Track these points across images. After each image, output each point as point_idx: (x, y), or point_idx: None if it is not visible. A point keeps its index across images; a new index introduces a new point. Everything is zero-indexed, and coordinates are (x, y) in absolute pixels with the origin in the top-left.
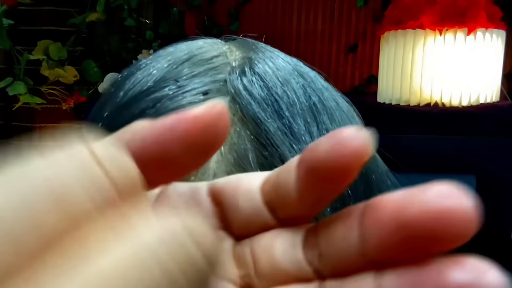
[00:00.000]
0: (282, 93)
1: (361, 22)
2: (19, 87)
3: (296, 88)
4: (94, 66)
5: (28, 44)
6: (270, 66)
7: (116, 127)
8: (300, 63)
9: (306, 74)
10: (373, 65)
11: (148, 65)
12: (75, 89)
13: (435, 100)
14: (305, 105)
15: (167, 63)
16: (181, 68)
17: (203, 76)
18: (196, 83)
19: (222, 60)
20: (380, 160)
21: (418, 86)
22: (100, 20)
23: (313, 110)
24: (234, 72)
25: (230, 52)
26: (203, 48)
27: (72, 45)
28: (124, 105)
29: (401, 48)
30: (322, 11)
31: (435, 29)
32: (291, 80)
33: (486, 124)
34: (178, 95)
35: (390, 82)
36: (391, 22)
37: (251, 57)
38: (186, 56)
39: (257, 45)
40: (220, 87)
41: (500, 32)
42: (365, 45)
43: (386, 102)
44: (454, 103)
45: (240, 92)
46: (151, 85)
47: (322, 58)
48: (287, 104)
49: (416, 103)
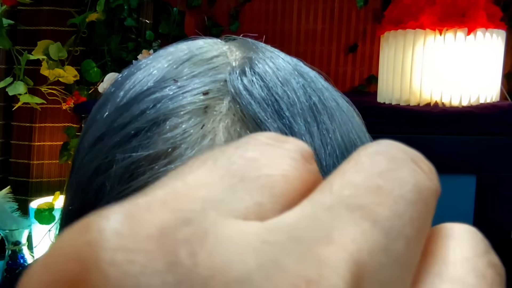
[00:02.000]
0: (282, 93)
1: (361, 22)
2: (19, 87)
3: (296, 88)
4: (94, 66)
5: (28, 44)
6: (270, 66)
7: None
8: (300, 63)
9: (306, 74)
10: (373, 65)
11: (148, 65)
12: (75, 89)
13: (435, 100)
14: (305, 105)
15: (167, 63)
16: (182, 68)
17: (203, 76)
18: (196, 83)
19: (222, 60)
20: None
21: (418, 86)
22: (100, 20)
23: (313, 110)
24: (234, 72)
25: (230, 52)
26: (203, 48)
27: (72, 45)
28: (124, 106)
29: (401, 48)
30: (322, 11)
31: (435, 29)
32: (291, 80)
33: (486, 124)
34: (178, 95)
35: (390, 82)
36: (391, 22)
37: (251, 57)
38: (187, 56)
39: (257, 45)
40: (220, 87)
41: (500, 32)
42: (365, 45)
43: (386, 102)
44: (454, 103)
45: (240, 92)
46: (151, 85)
47: (322, 58)
48: (287, 104)
49: (416, 103)
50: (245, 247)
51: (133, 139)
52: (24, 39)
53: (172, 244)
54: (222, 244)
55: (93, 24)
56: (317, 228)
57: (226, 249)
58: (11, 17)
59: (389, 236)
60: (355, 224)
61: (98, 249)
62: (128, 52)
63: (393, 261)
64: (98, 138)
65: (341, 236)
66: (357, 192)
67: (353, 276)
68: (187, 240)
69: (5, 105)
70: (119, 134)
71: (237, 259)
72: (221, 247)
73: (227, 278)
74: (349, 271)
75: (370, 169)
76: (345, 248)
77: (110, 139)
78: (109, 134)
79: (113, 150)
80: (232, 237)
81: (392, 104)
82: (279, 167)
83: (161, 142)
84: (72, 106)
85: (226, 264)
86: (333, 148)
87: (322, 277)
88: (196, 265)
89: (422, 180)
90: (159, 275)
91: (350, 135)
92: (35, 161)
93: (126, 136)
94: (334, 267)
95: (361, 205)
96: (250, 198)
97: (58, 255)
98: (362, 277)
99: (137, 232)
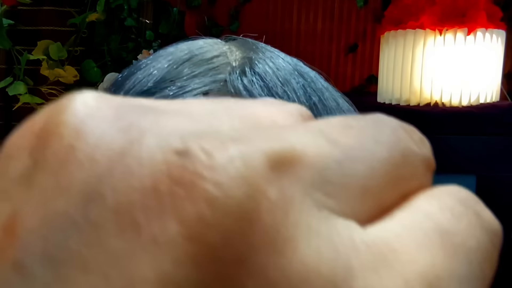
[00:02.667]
0: (282, 93)
1: (361, 22)
2: (19, 87)
3: (296, 88)
4: (94, 66)
5: (28, 44)
6: (271, 66)
7: None
8: (300, 63)
9: (306, 74)
10: (373, 65)
11: (148, 65)
12: (75, 89)
13: (435, 100)
14: (305, 105)
15: (168, 63)
16: (182, 68)
17: (203, 76)
18: (196, 83)
19: (222, 60)
20: None
21: (418, 86)
22: (100, 20)
23: (313, 110)
24: (235, 72)
25: (231, 52)
26: (203, 48)
27: (72, 45)
28: None
29: (401, 48)
30: (322, 11)
31: (435, 29)
32: (291, 80)
33: (486, 124)
34: (179, 96)
35: (390, 82)
36: (391, 22)
37: (252, 57)
38: (187, 56)
39: (257, 45)
40: (221, 87)
41: (500, 32)
42: (365, 45)
43: (386, 102)
44: (454, 103)
45: (240, 92)
46: (151, 86)
47: (322, 58)
48: None
49: (416, 103)
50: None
51: None
52: (24, 39)
53: (127, 110)
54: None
55: (93, 24)
56: (278, 132)
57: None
58: (11, 17)
59: (347, 156)
60: (313, 138)
61: (64, 105)
62: (128, 52)
63: (345, 174)
64: None
65: (294, 137)
66: (327, 123)
67: (281, 155)
68: (142, 110)
69: (5, 105)
70: None
71: (187, 108)
72: (164, 117)
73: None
74: (280, 151)
75: (351, 120)
76: (290, 141)
77: None
78: None
79: None
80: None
81: (392, 104)
82: (272, 113)
83: None
84: None
85: (161, 122)
86: None
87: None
88: (138, 120)
89: (404, 139)
90: (105, 121)
91: None
92: None
93: None
94: (267, 140)
95: (326, 132)
96: (231, 124)
97: (34, 117)
98: (295, 163)
99: (101, 100)
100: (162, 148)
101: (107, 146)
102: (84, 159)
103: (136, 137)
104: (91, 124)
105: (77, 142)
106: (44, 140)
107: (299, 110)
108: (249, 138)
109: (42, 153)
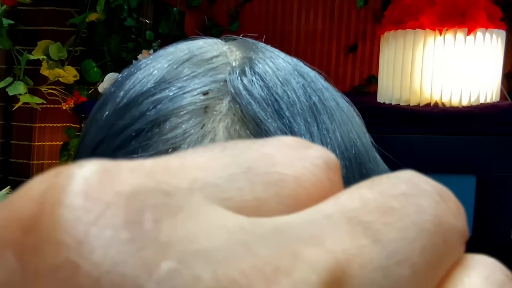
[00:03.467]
0: (282, 93)
1: (361, 22)
2: (19, 87)
3: (296, 88)
4: (94, 66)
5: (28, 44)
6: (270, 66)
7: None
8: (300, 63)
9: (306, 74)
10: (373, 65)
11: (148, 65)
12: (75, 89)
13: (435, 100)
14: (305, 105)
15: (168, 63)
16: (182, 68)
17: (203, 76)
18: (196, 83)
19: (222, 60)
20: (380, 160)
21: (418, 86)
22: (100, 20)
23: (313, 110)
24: (234, 72)
25: (230, 52)
26: (203, 48)
27: (72, 45)
28: (124, 107)
29: (401, 48)
30: (322, 11)
31: (435, 29)
32: (291, 80)
33: (486, 124)
34: (178, 96)
35: (390, 82)
36: (391, 22)
37: (251, 57)
38: (187, 56)
39: (257, 45)
40: (220, 87)
41: (500, 32)
42: (365, 45)
43: (386, 102)
44: (454, 103)
45: (240, 92)
46: (151, 86)
47: (322, 58)
48: (287, 104)
49: (416, 103)
50: (218, 227)
51: (134, 140)
52: (24, 39)
53: (140, 205)
54: (193, 220)
55: (93, 24)
56: (308, 229)
57: (196, 225)
58: (11, 17)
59: (391, 258)
60: (352, 237)
61: (60, 192)
62: (128, 52)
63: (392, 284)
64: (99, 141)
65: (333, 244)
66: (364, 207)
67: (332, 278)
68: (157, 207)
69: (5, 105)
70: (120, 136)
71: (204, 234)
72: (191, 222)
73: (184, 248)
74: (329, 272)
75: (386, 190)
76: (332, 252)
77: (111, 142)
78: (110, 137)
79: (115, 153)
80: (208, 218)
81: (392, 104)
82: (295, 168)
83: (162, 143)
84: (72, 106)
85: (190, 236)
86: (333, 148)
87: (295, 268)
88: (156, 230)
89: (444, 215)
90: (113, 229)
91: (350, 135)
92: (35, 161)
93: (127, 139)
94: (311, 263)
95: (365, 221)
96: (251, 191)
97: (23, 195)
98: (345, 284)
99: (107, 185)
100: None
101: (118, 273)
102: (89, 286)
103: (153, 262)
104: (96, 233)
105: (80, 259)
106: (35, 241)
107: (324, 158)
108: (292, 259)
109: (32, 260)
